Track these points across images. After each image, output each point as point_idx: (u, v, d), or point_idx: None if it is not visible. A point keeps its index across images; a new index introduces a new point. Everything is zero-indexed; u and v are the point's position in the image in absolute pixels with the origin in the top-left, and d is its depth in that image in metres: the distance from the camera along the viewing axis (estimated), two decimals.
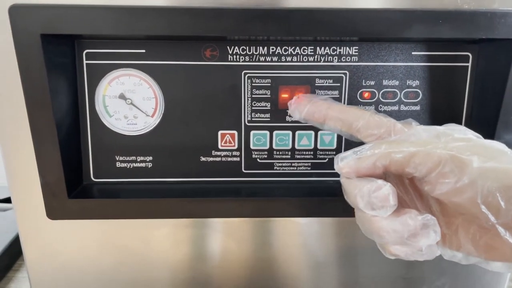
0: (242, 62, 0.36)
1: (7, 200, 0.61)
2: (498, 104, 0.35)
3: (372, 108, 0.37)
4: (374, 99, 0.37)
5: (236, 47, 0.35)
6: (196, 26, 0.31)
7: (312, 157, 0.38)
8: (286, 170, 0.39)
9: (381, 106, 0.37)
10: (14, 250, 0.52)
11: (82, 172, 0.38)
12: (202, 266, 0.42)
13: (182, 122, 0.37)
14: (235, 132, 0.38)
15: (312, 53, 0.36)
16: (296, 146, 0.38)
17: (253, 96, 0.37)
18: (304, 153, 0.38)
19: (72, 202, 0.36)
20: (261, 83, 0.36)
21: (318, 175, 0.39)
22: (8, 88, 0.34)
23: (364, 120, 0.28)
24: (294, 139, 0.38)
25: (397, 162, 0.25)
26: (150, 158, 0.38)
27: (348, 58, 0.36)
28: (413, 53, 0.36)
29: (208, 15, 0.31)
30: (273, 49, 0.36)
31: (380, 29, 0.32)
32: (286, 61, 0.36)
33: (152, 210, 0.37)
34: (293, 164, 0.39)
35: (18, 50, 0.32)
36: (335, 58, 0.36)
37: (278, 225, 0.41)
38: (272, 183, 0.39)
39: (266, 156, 0.38)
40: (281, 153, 0.38)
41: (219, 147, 0.38)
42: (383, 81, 0.37)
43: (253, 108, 0.37)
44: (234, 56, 0.36)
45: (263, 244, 0.41)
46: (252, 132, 0.38)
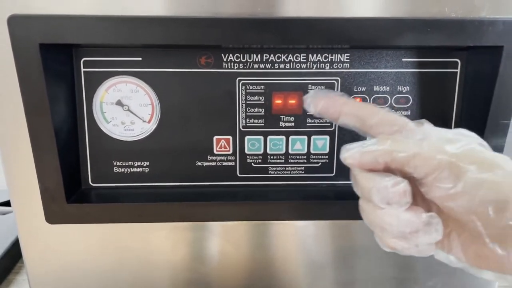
0: (237, 69, 0.37)
1: (7, 203, 0.62)
2: (486, 108, 0.35)
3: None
4: None
5: (230, 55, 0.36)
6: (191, 35, 0.32)
7: (305, 161, 0.39)
8: (280, 174, 0.40)
9: None
10: (14, 252, 0.52)
11: (80, 177, 0.39)
12: (201, 268, 0.43)
13: (178, 127, 0.38)
14: (230, 137, 0.38)
15: (304, 60, 0.37)
16: (289, 151, 0.39)
17: (247, 102, 0.37)
18: (297, 157, 0.39)
19: (70, 207, 0.37)
20: (255, 90, 0.37)
21: (311, 179, 0.40)
22: (7, 95, 0.34)
23: (377, 117, 0.29)
24: (287, 144, 0.39)
25: (398, 161, 0.25)
26: (147, 163, 0.39)
27: (339, 65, 0.37)
28: (403, 59, 0.37)
29: (203, 25, 0.32)
30: (266, 56, 0.36)
31: (371, 37, 0.33)
32: (279, 68, 0.37)
33: (149, 214, 0.38)
34: (287, 168, 0.40)
35: (17, 59, 0.32)
36: (327, 65, 0.37)
37: (274, 227, 0.42)
38: (266, 187, 0.40)
39: (260, 160, 0.39)
40: (275, 157, 0.39)
41: (215, 152, 0.39)
42: (374, 87, 0.37)
43: (247, 113, 0.38)
44: (229, 63, 0.36)
45: (260, 246, 0.42)
46: (246, 137, 0.38)
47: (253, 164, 0.39)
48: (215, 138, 0.38)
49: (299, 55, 0.36)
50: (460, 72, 0.37)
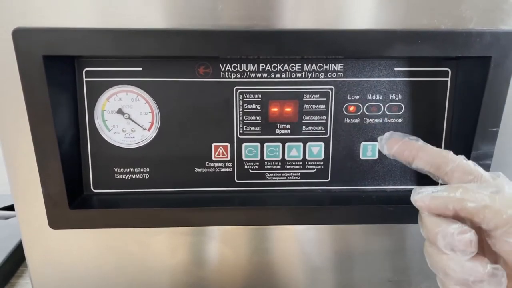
0: (234, 78, 0.38)
1: (9, 207, 0.63)
2: (475, 116, 0.37)
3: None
4: (359, 113, 0.39)
5: (228, 65, 0.37)
6: (189, 47, 0.33)
7: (301, 167, 0.40)
8: (276, 179, 0.41)
9: (365, 119, 0.39)
10: (16, 256, 0.53)
11: (82, 183, 0.40)
12: (199, 272, 0.44)
13: (177, 135, 0.39)
14: (228, 144, 0.39)
15: (299, 69, 0.38)
16: (286, 157, 0.40)
17: (244, 110, 0.39)
18: (293, 163, 0.40)
19: (73, 212, 0.38)
20: (252, 98, 0.38)
21: (306, 185, 0.41)
22: (12, 105, 0.35)
23: (453, 164, 0.29)
24: (284, 151, 0.40)
25: (467, 210, 0.26)
26: (147, 170, 0.40)
27: (334, 74, 0.38)
28: (395, 69, 0.38)
29: (201, 37, 0.33)
30: (263, 66, 0.38)
31: (364, 48, 0.34)
32: (275, 77, 0.38)
33: (149, 219, 0.39)
34: (283, 174, 0.41)
35: (22, 70, 0.33)
36: (322, 74, 0.38)
37: (271, 231, 0.42)
38: (263, 192, 0.41)
39: (257, 166, 0.40)
40: (271, 163, 0.40)
41: (213, 159, 0.40)
42: (368, 95, 0.39)
43: (244, 121, 0.39)
44: (226, 73, 0.38)
45: (257, 250, 0.43)
46: (244, 144, 0.40)
47: (250, 170, 0.40)
48: (213, 145, 0.39)
49: (295, 65, 0.38)
50: (450, 81, 0.38)
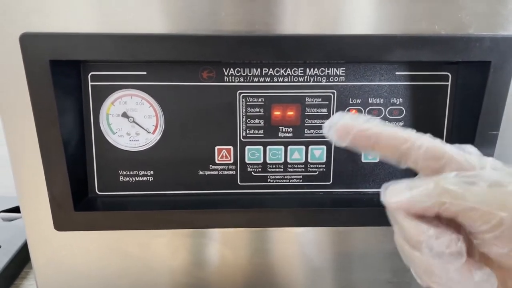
0: (237, 82, 0.38)
1: (14, 209, 0.63)
2: (475, 119, 0.37)
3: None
4: None
5: (231, 69, 0.38)
6: (192, 51, 0.34)
7: (303, 170, 0.41)
8: (279, 182, 0.41)
9: None
10: (21, 258, 0.54)
11: (87, 185, 0.40)
12: (201, 273, 0.44)
13: (181, 138, 0.39)
14: (231, 147, 0.40)
15: (302, 74, 0.38)
16: (288, 160, 0.41)
17: (247, 114, 0.39)
18: (295, 166, 0.41)
19: (78, 214, 0.38)
20: (255, 102, 0.39)
21: (309, 187, 0.42)
22: (19, 108, 0.36)
23: (418, 150, 0.24)
24: (286, 154, 0.40)
25: (452, 213, 0.22)
26: (151, 172, 0.40)
27: (336, 78, 0.39)
28: (396, 73, 0.39)
29: (203, 42, 0.34)
30: (265, 70, 0.38)
31: (365, 53, 0.35)
32: (278, 81, 0.38)
33: (153, 221, 0.39)
34: (285, 176, 0.41)
35: (29, 74, 0.34)
36: (324, 79, 0.38)
37: (273, 233, 0.43)
38: (266, 195, 0.42)
39: (260, 169, 0.41)
40: (274, 166, 0.41)
41: (216, 162, 0.40)
42: (369, 99, 0.39)
43: (247, 125, 0.39)
44: (230, 77, 0.38)
45: (259, 251, 0.44)
46: (247, 147, 0.40)
47: (253, 173, 0.41)
48: (217, 148, 0.40)
49: (297, 69, 0.38)
50: (450, 85, 0.39)
